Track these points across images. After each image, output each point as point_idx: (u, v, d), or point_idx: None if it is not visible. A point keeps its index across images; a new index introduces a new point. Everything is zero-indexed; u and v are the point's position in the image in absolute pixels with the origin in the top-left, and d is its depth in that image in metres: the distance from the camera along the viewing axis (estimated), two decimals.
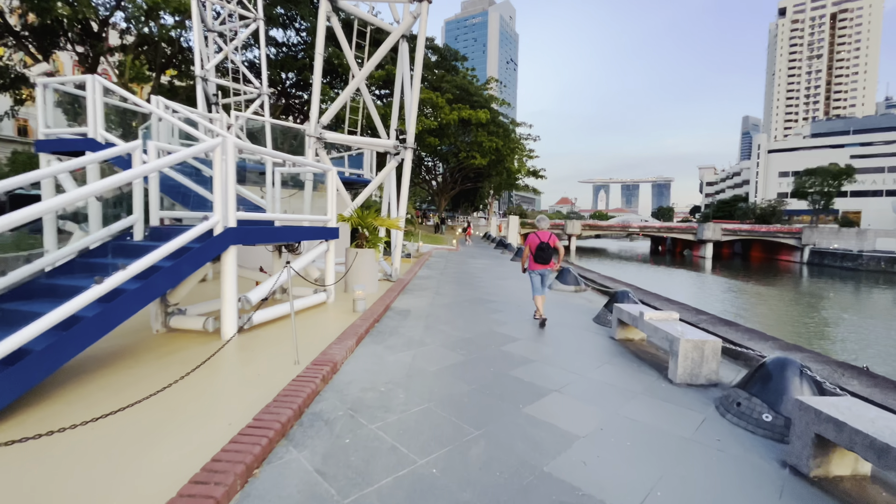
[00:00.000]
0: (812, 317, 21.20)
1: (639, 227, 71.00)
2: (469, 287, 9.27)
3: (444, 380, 3.76)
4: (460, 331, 5.45)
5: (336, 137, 9.26)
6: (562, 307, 7.50)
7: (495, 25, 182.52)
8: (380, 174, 9.22)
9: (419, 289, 8.65)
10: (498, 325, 5.85)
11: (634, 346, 5.06)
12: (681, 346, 3.85)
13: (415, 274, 10.52)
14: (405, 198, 9.15)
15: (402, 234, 9.21)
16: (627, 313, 5.02)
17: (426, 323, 5.77)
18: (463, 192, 44.40)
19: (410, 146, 8.93)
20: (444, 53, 28.41)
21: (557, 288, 9.25)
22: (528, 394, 3.54)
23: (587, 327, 6.01)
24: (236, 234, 4.58)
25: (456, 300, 7.62)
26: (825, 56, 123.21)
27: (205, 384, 3.32)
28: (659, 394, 3.65)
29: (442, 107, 23.87)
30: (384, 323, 5.68)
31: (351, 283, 7.65)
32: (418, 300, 7.44)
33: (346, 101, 9.17)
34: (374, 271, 7.83)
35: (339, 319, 5.56)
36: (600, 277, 10.11)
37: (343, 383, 3.57)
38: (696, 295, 26.57)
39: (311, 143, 9.06)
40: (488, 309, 6.96)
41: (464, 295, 8.19)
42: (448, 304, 7.25)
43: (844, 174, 62.50)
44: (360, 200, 9.23)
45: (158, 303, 4.76)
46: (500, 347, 4.82)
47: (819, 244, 54.86)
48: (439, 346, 4.74)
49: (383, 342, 4.79)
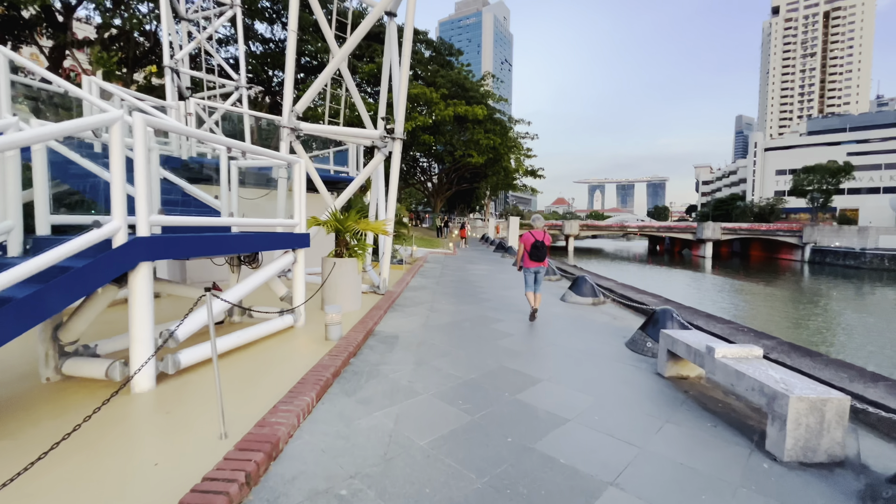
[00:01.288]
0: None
1: (637, 227, 70.05)
2: (469, 299, 7.99)
3: (441, 466, 2.49)
4: (462, 368, 4.17)
5: (313, 128, 7.98)
6: (583, 326, 6.24)
7: (489, 26, 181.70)
8: (364, 170, 7.94)
9: (411, 303, 7.36)
10: (509, 357, 4.58)
11: (693, 388, 3.81)
12: (791, 407, 2.60)
13: (407, 284, 9.23)
14: (394, 197, 7.88)
15: (392, 239, 7.93)
16: (684, 345, 3.77)
17: (417, 356, 4.49)
18: (459, 193, 43.17)
19: (399, 137, 7.66)
20: (439, 48, 27.16)
21: (572, 300, 8.00)
22: (570, 491, 2.27)
23: (621, 357, 4.75)
24: (150, 246, 3.29)
25: (455, 319, 6.34)
26: (819, 54, 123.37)
27: (60, 479, 2.02)
28: (767, 487, 2.40)
29: (437, 102, 22.60)
30: (363, 358, 4.39)
31: (328, 299, 6.36)
32: (409, 320, 6.15)
33: (325, 84, 7.90)
34: (356, 285, 6.54)
35: (304, 354, 4.27)
36: (620, 286, 8.87)
37: (282, 481, 2.29)
38: (709, 299, 25.40)
39: (285, 135, 7.79)
40: (495, 332, 5.69)
41: (464, 311, 6.91)
42: (445, 324, 5.97)
43: (843, 171, 61.89)
44: (341, 200, 7.95)
45: (49, 340, 3.46)
46: (517, 395, 3.55)
47: (820, 242, 54.12)
48: (433, 397, 3.46)
49: (357, 392, 3.50)
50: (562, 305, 7.73)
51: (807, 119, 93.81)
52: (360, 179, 7.98)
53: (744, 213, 76.17)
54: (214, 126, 12.28)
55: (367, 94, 25.13)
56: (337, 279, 6.29)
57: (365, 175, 7.97)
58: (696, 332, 4.12)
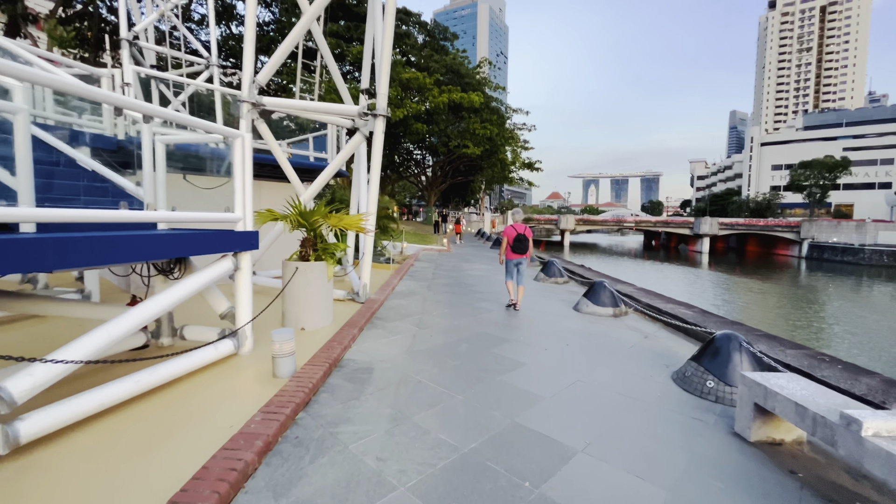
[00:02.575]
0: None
1: (634, 222, 69.12)
2: (466, 309, 6.71)
3: None
4: (458, 428, 2.89)
5: (277, 103, 6.63)
6: (609, 349, 4.98)
7: (485, 17, 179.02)
8: (341, 153, 6.61)
9: (396, 315, 6.07)
10: (525, 405, 3.30)
11: (800, 464, 2.58)
12: None
13: (393, 289, 7.93)
14: (375, 185, 6.56)
15: (373, 237, 6.63)
16: (792, 406, 2.52)
17: (395, 406, 3.21)
18: (453, 187, 41.79)
19: (382, 113, 6.32)
20: (432, 31, 25.58)
21: (588, 310, 6.75)
22: None
23: (675, 401, 3.50)
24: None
25: (448, 339, 5.05)
26: (815, 49, 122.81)
27: None
28: None
29: (430, 88, 21.14)
30: (317, 410, 3.10)
31: (290, 315, 5.06)
32: (390, 341, 4.86)
33: (295, 47, 6.54)
34: (326, 295, 5.23)
35: (232, 404, 2.98)
36: (639, 292, 7.64)
37: None
38: (721, 298, 24.36)
39: (245, 111, 6.44)
40: (500, 359, 4.41)
41: (460, 327, 5.63)
42: (436, 348, 4.68)
43: (840, 167, 61.32)
44: (313, 191, 6.62)
45: None
46: (543, 486, 2.28)
47: (818, 238, 53.52)
48: (414, 496, 2.18)
49: (292, 488, 2.21)
50: (577, 318, 6.48)
51: (803, 114, 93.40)
52: (336, 164, 6.65)
53: (740, 208, 75.66)
54: (181, 107, 10.84)
55: (357, 80, 23.61)
56: (299, 289, 4.98)
57: (342, 158, 6.64)
58: (798, 379, 2.86)
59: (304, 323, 5.05)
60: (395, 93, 20.37)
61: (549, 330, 5.63)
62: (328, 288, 5.27)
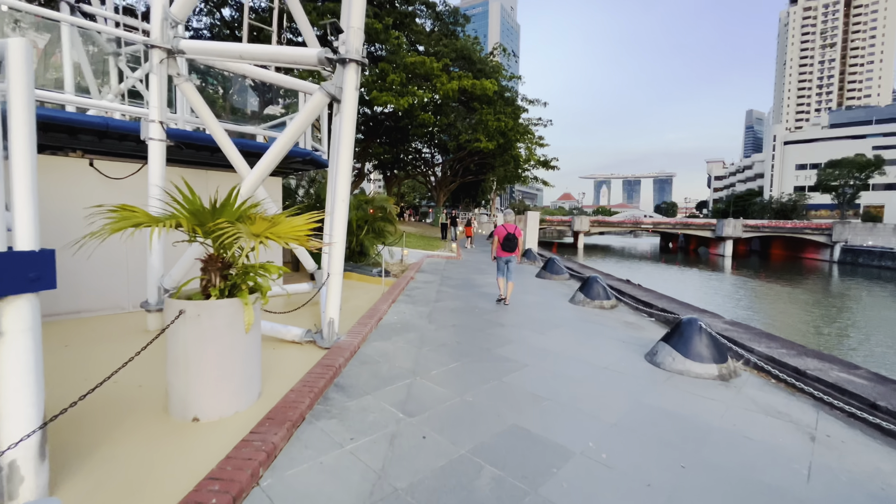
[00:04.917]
0: None
1: (652, 223, 66.02)
2: (483, 370, 4.35)
3: None
4: None
5: (202, 48, 4.42)
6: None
7: (496, 16, 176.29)
8: (296, 118, 4.35)
9: (368, 381, 3.76)
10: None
11: None
12: None
13: (379, 320, 5.64)
14: (346, 172, 4.30)
15: (342, 251, 4.36)
16: None
17: None
18: (463, 186, 39.47)
19: (353, 57, 4.05)
20: (441, 14, 23.30)
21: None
22: None
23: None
24: None
25: (457, 452, 2.75)
26: (839, 44, 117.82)
27: None
28: None
29: (438, 75, 18.83)
30: None
31: (177, 392, 2.82)
32: (342, 461, 2.56)
33: None
34: (243, 356, 2.97)
35: None
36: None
37: None
38: (763, 310, 21.65)
39: (156, 60, 4.24)
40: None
41: (475, 411, 3.29)
42: (432, 476, 2.39)
43: (873, 166, 57.61)
44: (254, 179, 4.41)
45: None
46: None
47: (851, 241, 50.11)
48: None
49: None
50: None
51: (827, 111, 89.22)
52: (289, 137, 4.40)
53: (763, 209, 72.07)
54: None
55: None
56: (188, 349, 2.74)
57: (299, 126, 4.37)
58: None
59: (197, 409, 2.80)
60: (399, 78, 18.11)
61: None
62: (245, 344, 3.00)
